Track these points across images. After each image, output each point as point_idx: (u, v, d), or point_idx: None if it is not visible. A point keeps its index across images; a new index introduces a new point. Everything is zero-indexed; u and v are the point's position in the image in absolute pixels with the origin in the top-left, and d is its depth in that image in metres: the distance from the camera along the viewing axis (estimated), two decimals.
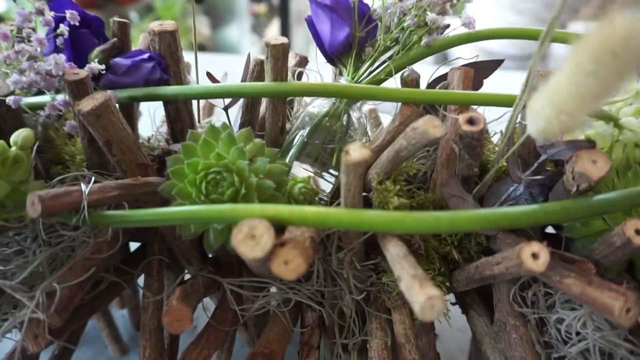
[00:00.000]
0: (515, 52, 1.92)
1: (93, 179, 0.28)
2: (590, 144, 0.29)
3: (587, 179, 0.28)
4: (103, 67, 0.33)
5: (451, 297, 0.41)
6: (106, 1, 1.85)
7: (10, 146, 0.30)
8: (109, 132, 0.31)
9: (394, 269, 0.29)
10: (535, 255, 0.26)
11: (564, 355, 0.31)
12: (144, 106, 0.47)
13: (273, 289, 0.38)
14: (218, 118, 0.49)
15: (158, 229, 0.39)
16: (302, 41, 2.59)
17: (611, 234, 0.28)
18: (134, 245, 0.45)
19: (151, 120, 0.46)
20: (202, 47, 2.16)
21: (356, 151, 0.27)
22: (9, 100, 0.31)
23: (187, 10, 2.30)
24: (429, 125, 0.27)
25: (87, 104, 0.30)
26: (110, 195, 0.30)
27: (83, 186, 0.28)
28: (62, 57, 0.31)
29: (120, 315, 0.56)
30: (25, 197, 0.30)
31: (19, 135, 0.29)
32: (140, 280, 0.40)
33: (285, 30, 2.31)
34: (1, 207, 0.30)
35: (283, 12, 2.27)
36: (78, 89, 0.31)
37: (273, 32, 2.58)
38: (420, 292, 0.25)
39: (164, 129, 0.48)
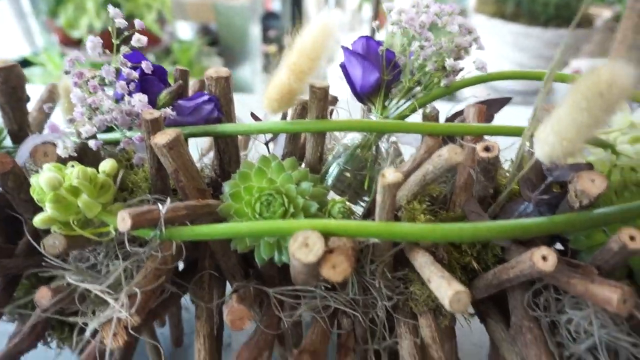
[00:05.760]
0: (519, 87, 2.01)
1: (169, 199, 0.34)
2: (588, 166, 0.34)
3: (588, 195, 0.33)
4: (174, 113, 0.39)
5: (469, 309, 0.46)
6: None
7: (98, 173, 0.35)
8: (177, 162, 0.37)
9: (423, 273, 0.34)
10: (545, 258, 0.31)
11: (575, 352, 0.35)
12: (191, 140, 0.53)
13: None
14: (257, 150, 0.55)
15: (209, 247, 0.44)
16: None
17: (609, 240, 0.32)
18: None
19: (198, 151, 0.51)
20: None
21: (391, 175, 0.32)
22: (91, 144, 0.37)
23: (202, 53, 2.43)
24: (452, 153, 0.33)
25: (161, 138, 0.35)
26: (180, 214, 0.35)
27: (160, 205, 0.34)
28: (145, 97, 0.37)
29: (159, 333, 0.61)
30: (109, 216, 0.35)
31: (106, 165, 0.35)
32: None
33: None
34: (89, 224, 0.35)
35: None
36: (153, 127, 0.37)
37: None
38: (448, 288, 0.30)
39: (206, 159, 0.54)
